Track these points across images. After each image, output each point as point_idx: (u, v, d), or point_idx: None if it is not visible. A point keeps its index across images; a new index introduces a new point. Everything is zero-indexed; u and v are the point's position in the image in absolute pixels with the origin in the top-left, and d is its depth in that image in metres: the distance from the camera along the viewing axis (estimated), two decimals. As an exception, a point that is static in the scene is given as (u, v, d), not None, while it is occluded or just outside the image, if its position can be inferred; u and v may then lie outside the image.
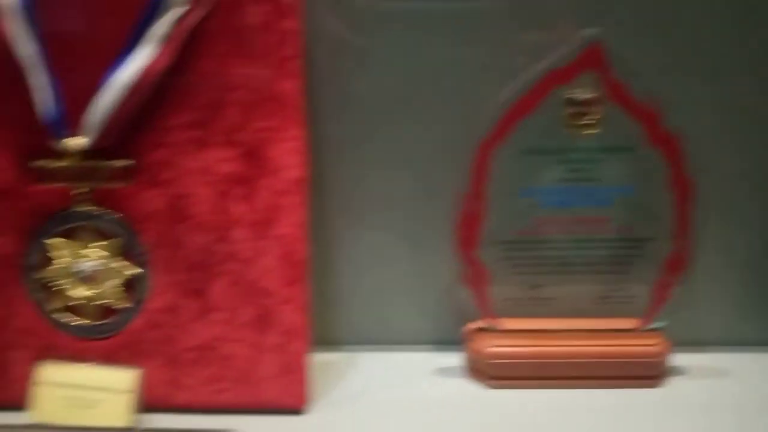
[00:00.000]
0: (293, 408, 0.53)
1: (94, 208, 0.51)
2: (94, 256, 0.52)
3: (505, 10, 0.55)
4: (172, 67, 0.49)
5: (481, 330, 0.58)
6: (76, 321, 0.53)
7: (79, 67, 0.50)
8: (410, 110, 0.58)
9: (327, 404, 0.54)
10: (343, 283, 0.62)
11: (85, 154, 0.50)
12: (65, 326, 0.53)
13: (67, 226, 0.52)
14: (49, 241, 0.52)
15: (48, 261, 0.52)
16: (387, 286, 0.62)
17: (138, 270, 0.52)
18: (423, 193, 0.60)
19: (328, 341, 0.61)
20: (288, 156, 0.51)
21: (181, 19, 0.49)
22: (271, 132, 0.51)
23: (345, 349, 0.62)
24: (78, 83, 0.49)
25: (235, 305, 0.52)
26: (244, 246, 0.52)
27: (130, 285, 0.52)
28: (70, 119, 0.50)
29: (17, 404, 0.51)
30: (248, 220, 0.51)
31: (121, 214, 0.51)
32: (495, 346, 0.56)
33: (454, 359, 0.61)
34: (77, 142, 0.50)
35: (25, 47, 0.48)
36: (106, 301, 0.52)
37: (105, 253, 0.52)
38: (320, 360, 0.56)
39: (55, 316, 0.53)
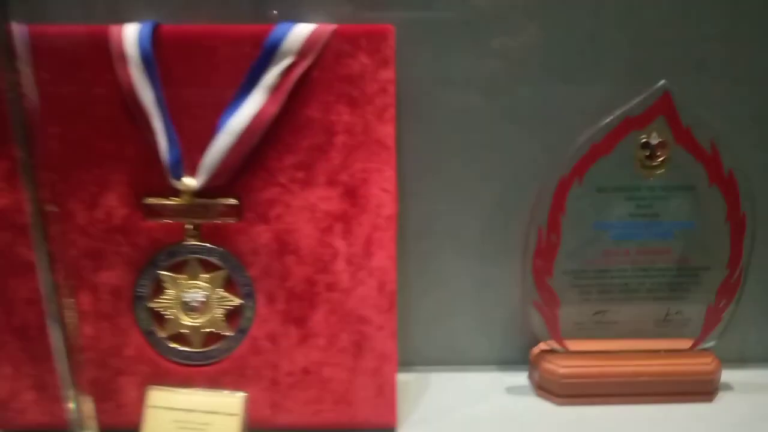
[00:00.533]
0: (386, 426, 0.57)
1: (204, 242, 0.55)
2: (201, 287, 0.56)
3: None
4: (281, 113, 0.54)
5: (548, 351, 0.63)
6: (184, 348, 0.56)
7: (193, 113, 0.54)
8: (479, 147, 0.63)
9: (413, 422, 0.59)
10: (415, 307, 0.66)
11: (197, 192, 0.54)
12: (173, 353, 0.56)
13: (177, 260, 0.56)
14: (160, 274, 0.56)
15: (158, 292, 0.56)
16: (455, 311, 0.67)
17: (242, 300, 0.56)
18: (491, 224, 0.65)
19: (401, 362, 0.65)
20: (383, 195, 0.56)
21: (289, 69, 0.53)
22: (369, 173, 0.55)
23: (416, 370, 0.67)
24: (192, 127, 0.54)
25: (334, 332, 0.56)
26: (343, 277, 0.56)
27: (235, 314, 0.56)
28: (185, 161, 0.54)
29: (129, 428, 0.54)
30: (347, 254, 0.56)
31: (229, 249, 0.55)
32: (564, 367, 0.61)
33: (519, 378, 0.66)
34: (192, 182, 0.54)
35: (146, 94, 0.52)
36: (211, 329, 0.56)
37: (212, 285, 0.56)
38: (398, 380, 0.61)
39: (164, 343, 0.56)
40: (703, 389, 0.62)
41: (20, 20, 0.53)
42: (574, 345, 0.62)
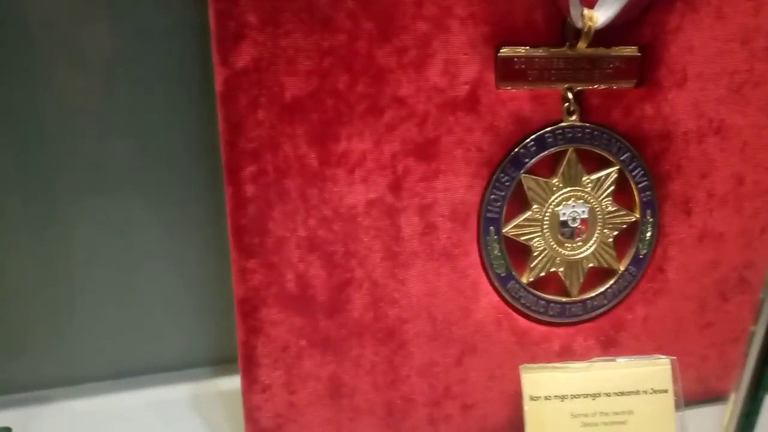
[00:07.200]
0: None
1: (587, 123, 0.34)
2: (584, 197, 0.35)
3: None
4: None
5: None
6: (555, 298, 0.35)
7: None
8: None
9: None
10: None
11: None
12: (542, 308, 0.34)
13: (547, 153, 0.34)
14: (523, 177, 0.34)
15: (515, 210, 0.34)
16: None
17: (638, 215, 0.35)
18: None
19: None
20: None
21: None
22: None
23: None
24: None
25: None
26: None
27: (625, 237, 0.36)
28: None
29: None
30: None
31: (624, 132, 0.34)
32: None
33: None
34: (595, 15, 0.32)
35: None
36: (594, 263, 0.35)
37: (596, 192, 0.35)
38: None
39: (526, 294, 0.34)
40: None
41: None
42: None
